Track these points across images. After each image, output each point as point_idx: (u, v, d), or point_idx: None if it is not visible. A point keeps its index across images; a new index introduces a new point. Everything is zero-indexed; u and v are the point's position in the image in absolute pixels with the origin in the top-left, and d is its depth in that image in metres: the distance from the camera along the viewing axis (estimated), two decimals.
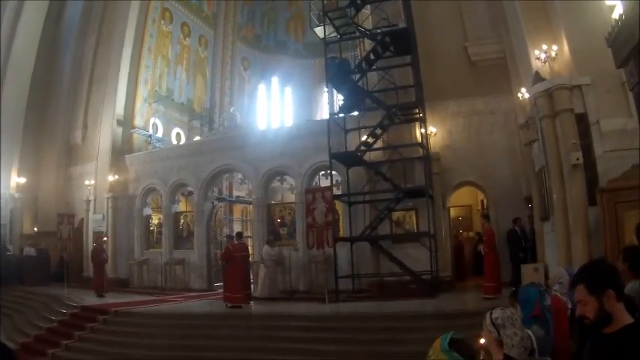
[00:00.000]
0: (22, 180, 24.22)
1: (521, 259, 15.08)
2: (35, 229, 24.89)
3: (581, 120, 11.90)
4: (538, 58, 12.71)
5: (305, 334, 11.77)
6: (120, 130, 23.32)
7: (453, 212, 19.81)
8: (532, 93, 12.91)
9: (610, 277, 2.68)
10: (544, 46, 12.58)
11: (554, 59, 12.53)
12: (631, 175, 10.45)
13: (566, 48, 12.55)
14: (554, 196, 12.05)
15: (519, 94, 14.78)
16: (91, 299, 17.07)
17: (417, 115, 16.54)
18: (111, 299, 17.19)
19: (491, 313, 3.59)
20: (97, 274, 18.93)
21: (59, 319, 15.23)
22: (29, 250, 22.81)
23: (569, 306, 5.64)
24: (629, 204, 10.29)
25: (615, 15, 9.83)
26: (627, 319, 2.61)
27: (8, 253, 22.80)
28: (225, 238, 18.36)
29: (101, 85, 24.45)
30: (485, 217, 15.00)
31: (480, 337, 2.96)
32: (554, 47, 12.56)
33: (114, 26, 24.44)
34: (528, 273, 11.76)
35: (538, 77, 12.64)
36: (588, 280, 2.67)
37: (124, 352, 12.21)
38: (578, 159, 11.48)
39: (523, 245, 15.45)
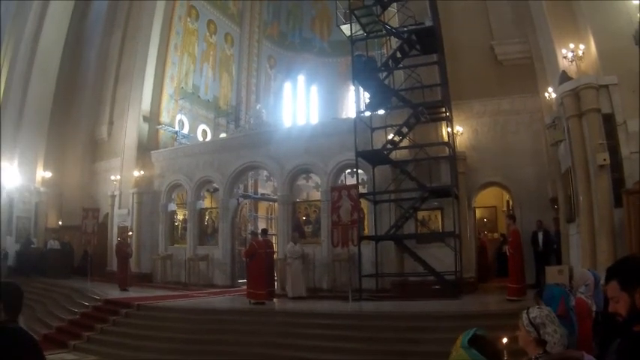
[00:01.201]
0: (48, 174, 24.54)
1: (539, 261, 15.17)
2: (60, 222, 25.26)
3: (608, 120, 11.87)
4: (565, 57, 12.65)
5: (327, 332, 11.73)
6: (146, 126, 23.53)
7: (478, 213, 19.69)
8: (559, 92, 12.85)
9: None
10: (571, 45, 12.51)
11: (580, 58, 12.46)
12: None
13: (592, 47, 12.48)
14: (580, 198, 11.99)
15: (546, 94, 14.65)
16: (114, 293, 17.21)
17: (444, 114, 16.45)
18: (134, 293, 17.34)
19: (528, 313, 3.58)
20: (120, 269, 19.11)
21: (81, 311, 15.39)
22: (53, 244, 23.10)
23: (594, 309, 5.62)
24: None
25: None
26: None
27: (32, 246, 23.12)
28: (250, 235, 18.37)
29: (127, 82, 24.72)
30: (511, 217, 14.85)
31: (503, 337, 2.95)
32: (581, 46, 12.47)
33: (140, 23, 24.71)
34: (552, 275, 11.66)
35: (565, 76, 12.56)
36: (621, 276, 2.60)
37: (145, 345, 12.32)
38: (605, 160, 11.44)
39: (539, 249, 15.54)
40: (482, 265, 18.94)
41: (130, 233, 21.77)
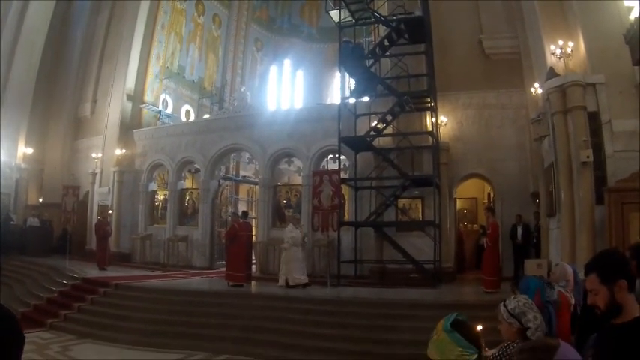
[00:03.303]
0: (29, 150, 24.23)
1: (518, 255, 15.43)
2: (40, 200, 24.96)
3: (593, 118, 11.95)
4: (553, 54, 12.70)
5: (304, 317, 11.76)
6: (129, 104, 23.32)
7: (458, 204, 19.83)
8: (545, 88, 12.92)
9: (622, 268, 2.67)
10: (560, 42, 12.56)
11: (569, 56, 12.52)
12: (639, 177, 10.48)
13: (581, 45, 12.55)
14: (562, 193, 12.10)
15: (532, 89, 14.69)
16: (92, 272, 17.08)
17: (429, 104, 16.48)
18: (112, 273, 17.20)
19: (506, 305, 3.59)
20: (100, 248, 18.93)
21: (59, 289, 15.23)
22: (33, 221, 22.86)
23: (573, 302, 5.67)
24: (636, 205, 10.42)
25: (633, 14, 9.85)
26: (637, 311, 2.58)
27: (12, 222, 22.86)
28: (230, 217, 18.30)
29: (112, 59, 24.44)
30: (490, 210, 14.91)
31: (478, 325, 2.96)
32: (570, 44, 12.53)
33: (127, 2, 24.34)
34: (532, 268, 11.83)
35: (552, 73, 12.62)
36: (600, 269, 2.65)
37: (122, 325, 12.24)
38: (588, 157, 11.53)
39: (518, 242, 15.78)
40: (461, 255, 19.07)
41: (110, 212, 21.61)
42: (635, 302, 2.60)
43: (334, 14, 17.65)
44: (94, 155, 23.43)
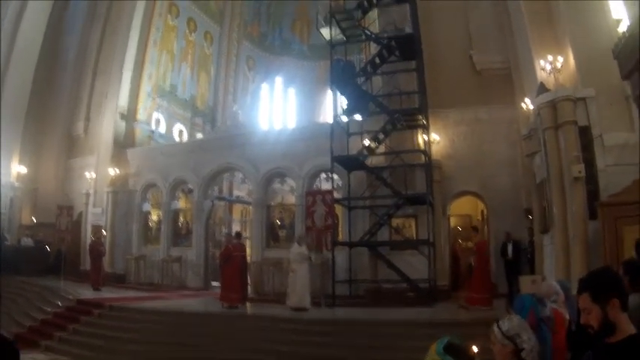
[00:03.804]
0: (23, 169, 24.13)
1: (510, 271, 15.33)
2: (34, 219, 24.79)
3: (584, 133, 11.98)
4: (543, 69, 12.78)
5: (300, 338, 11.73)
6: (122, 123, 23.28)
7: (452, 221, 19.77)
8: (536, 104, 12.96)
9: (615, 286, 2.64)
10: (549, 57, 12.62)
11: (559, 71, 12.60)
12: (632, 190, 10.51)
13: (571, 60, 12.63)
14: (555, 209, 12.10)
15: (523, 105, 14.74)
16: (86, 293, 17.01)
17: (420, 122, 16.48)
18: (107, 294, 17.15)
19: (499, 327, 3.54)
20: (93, 268, 18.86)
21: (54, 310, 15.19)
22: (27, 241, 22.74)
23: (567, 317, 5.64)
24: (630, 219, 10.34)
25: (622, 28, 9.86)
26: (631, 329, 2.57)
27: (6, 242, 22.72)
28: (224, 237, 18.24)
29: (105, 77, 24.43)
30: (475, 229, 14.88)
31: (473, 345, 2.92)
32: (560, 58, 12.59)
33: (120, 18, 24.38)
34: (526, 284, 11.74)
35: (543, 88, 12.66)
36: (593, 288, 2.63)
37: (116, 348, 12.15)
38: (580, 172, 11.55)
39: (509, 258, 15.61)
40: (456, 273, 19.00)
41: (104, 233, 21.50)
42: (628, 321, 2.59)
43: (325, 32, 17.70)
44: (87, 175, 23.35)
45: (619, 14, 12.06)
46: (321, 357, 10.82)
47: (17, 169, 24.03)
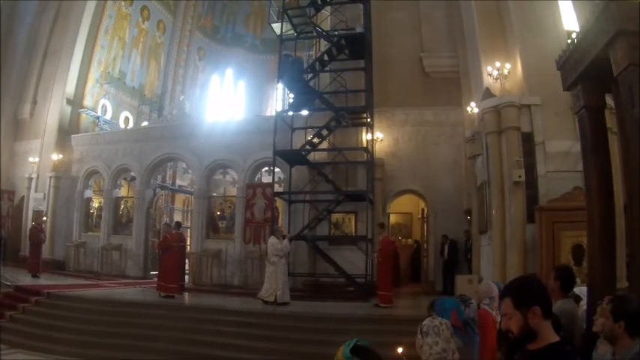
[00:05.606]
0: None
1: (447, 271, 15.86)
2: None
3: (527, 139, 12.23)
4: (490, 75, 12.99)
5: (235, 329, 11.69)
6: (69, 108, 22.88)
7: (393, 218, 20.01)
8: (481, 108, 13.18)
9: (538, 294, 2.67)
10: (497, 64, 12.82)
11: (505, 77, 12.83)
12: (571, 197, 10.83)
13: (519, 68, 12.87)
14: (494, 211, 12.35)
15: (468, 108, 14.99)
16: (25, 279, 16.71)
17: (365, 120, 16.64)
18: (45, 281, 16.85)
19: (422, 323, 3.65)
20: (32, 254, 18.42)
21: None
22: None
23: (499, 319, 5.74)
24: (567, 224, 10.63)
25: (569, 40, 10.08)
26: (553, 337, 2.60)
27: None
28: (163, 227, 18.06)
29: (54, 61, 23.87)
30: (381, 226, 14.85)
31: (399, 346, 2.97)
32: (508, 65, 12.85)
33: (74, 3, 23.89)
34: (462, 284, 11.95)
35: (488, 93, 12.90)
36: (515, 295, 2.66)
37: (54, 336, 11.93)
38: (520, 176, 11.83)
39: (445, 259, 16.15)
40: (395, 269, 19.16)
41: (45, 218, 21.03)
42: (550, 328, 2.62)
43: (276, 27, 17.75)
44: (31, 159, 22.83)
45: (571, 26, 12.35)
46: (256, 349, 10.80)
47: None
